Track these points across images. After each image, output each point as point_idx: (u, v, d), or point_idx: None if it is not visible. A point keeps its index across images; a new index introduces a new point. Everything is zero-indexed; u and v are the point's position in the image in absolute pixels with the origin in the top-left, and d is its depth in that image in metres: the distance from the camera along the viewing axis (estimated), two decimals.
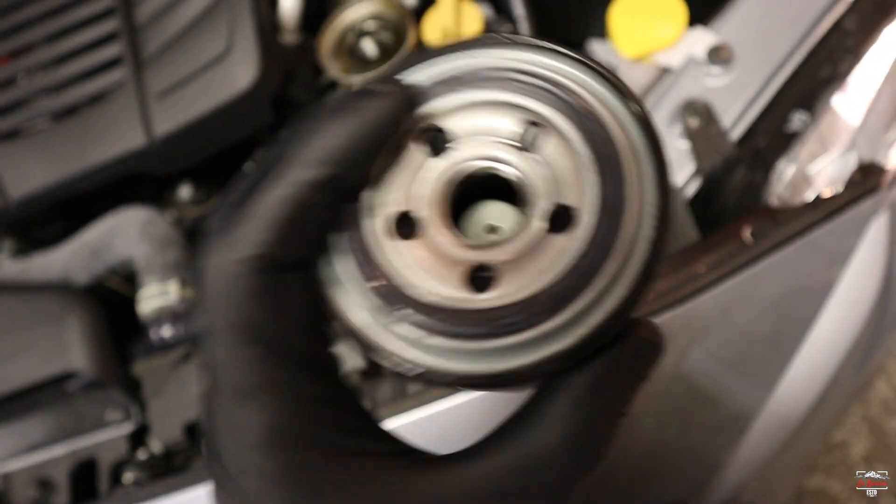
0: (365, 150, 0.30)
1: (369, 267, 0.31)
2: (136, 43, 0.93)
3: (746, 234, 0.75)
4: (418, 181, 0.32)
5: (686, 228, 0.80)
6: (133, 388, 0.88)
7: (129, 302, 1.02)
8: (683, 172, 0.84)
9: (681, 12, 0.88)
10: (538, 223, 0.31)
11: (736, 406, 0.81)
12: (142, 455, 0.86)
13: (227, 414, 0.30)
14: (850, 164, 0.79)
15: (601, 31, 1.16)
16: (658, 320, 0.72)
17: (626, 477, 0.80)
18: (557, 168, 0.31)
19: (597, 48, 1.05)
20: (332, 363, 0.33)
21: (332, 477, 0.30)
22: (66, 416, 0.89)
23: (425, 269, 0.31)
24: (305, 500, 0.29)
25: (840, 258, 0.79)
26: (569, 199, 0.31)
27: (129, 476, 0.82)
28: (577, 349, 0.30)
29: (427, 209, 0.32)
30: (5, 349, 0.86)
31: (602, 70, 0.32)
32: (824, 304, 0.80)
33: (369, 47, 1.02)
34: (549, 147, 0.32)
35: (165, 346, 0.88)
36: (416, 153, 0.32)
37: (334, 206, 0.31)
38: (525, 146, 0.32)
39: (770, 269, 0.74)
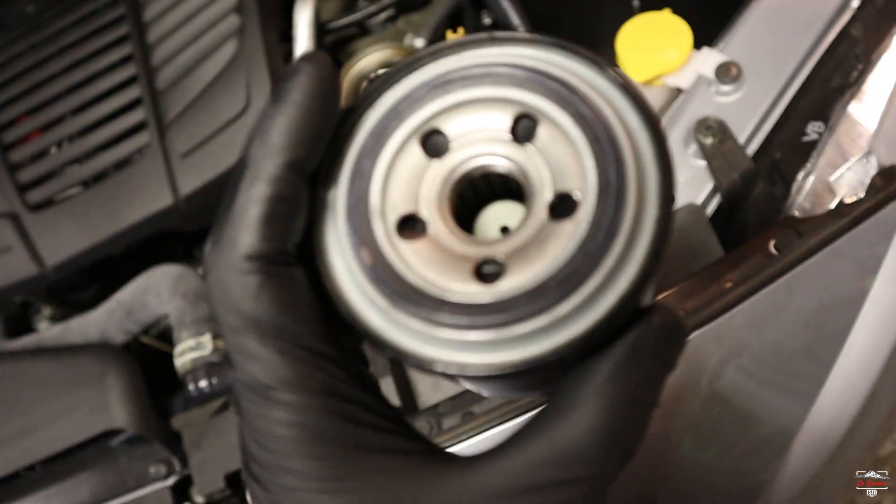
0: (309, 129, 0.31)
1: (379, 267, 0.31)
2: (158, 107, 0.96)
3: (770, 247, 0.75)
4: (424, 183, 0.33)
5: (710, 245, 0.80)
6: (174, 442, 0.89)
7: (165, 358, 1.04)
8: (702, 190, 0.85)
9: (686, 35, 0.90)
10: (540, 212, 0.31)
11: (776, 423, 0.80)
12: None
13: (253, 413, 0.31)
14: (870, 170, 0.78)
15: (609, 60, 1.18)
16: (688, 339, 0.72)
17: (668, 501, 0.79)
18: (555, 156, 0.32)
19: None
20: (353, 359, 0.33)
21: (363, 474, 0.30)
22: (111, 474, 0.91)
23: (433, 267, 0.31)
24: (338, 495, 0.30)
25: (871, 266, 0.78)
26: (568, 186, 0.31)
27: None
28: (592, 333, 0.30)
29: (431, 210, 0.32)
30: (50, 412, 0.89)
31: (587, 55, 0.33)
32: (859, 314, 0.79)
33: None
34: (545, 136, 0.32)
35: (203, 398, 0.89)
36: (419, 156, 0.33)
37: (304, 193, 0.32)
38: (520, 138, 0.32)
39: (800, 281, 0.74)
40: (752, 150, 0.84)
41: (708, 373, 0.75)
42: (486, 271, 0.31)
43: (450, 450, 0.70)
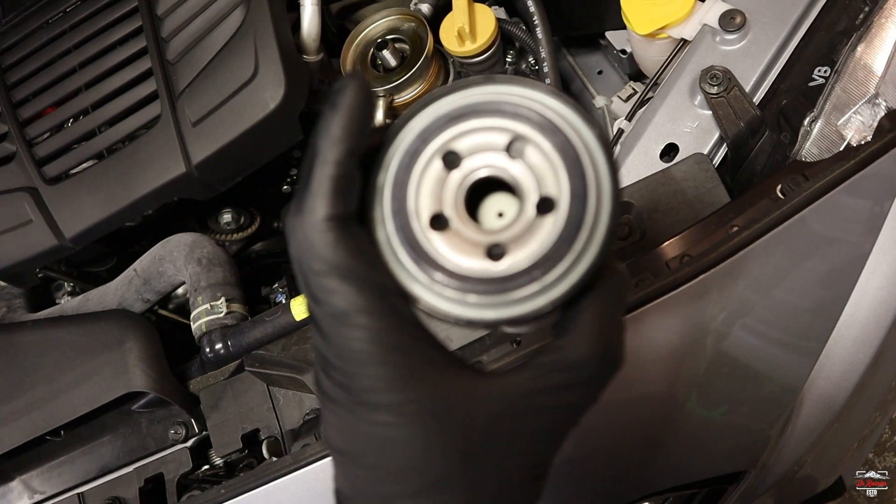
0: (358, 126, 0.42)
1: (418, 254, 0.42)
2: (169, 78, 0.98)
3: (777, 191, 0.74)
4: (445, 189, 0.44)
5: (717, 194, 0.80)
6: (192, 405, 0.91)
7: (182, 329, 1.06)
8: (709, 140, 0.84)
9: None
10: (529, 209, 0.43)
11: (783, 380, 0.79)
12: (205, 467, 0.88)
13: (336, 334, 0.40)
14: (878, 113, 0.77)
15: (613, 22, 1.18)
16: (694, 283, 0.72)
17: (675, 453, 0.79)
18: (539, 169, 0.43)
19: (610, 37, 1.06)
20: (406, 294, 0.43)
21: (423, 375, 0.40)
22: (133, 438, 0.93)
23: (456, 251, 0.43)
24: (405, 392, 0.40)
25: (878, 218, 0.77)
26: (549, 191, 0.43)
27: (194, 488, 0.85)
28: (570, 294, 0.42)
29: (452, 209, 0.44)
30: (72, 377, 0.91)
31: (563, 95, 0.44)
32: (866, 268, 0.78)
33: (389, 58, 1.05)
34: (532, 155, 0.43)
35: (218, 360, 0.91)
36: (440, 170, 0.44)
37: (357, 172, 0.42)
38: (514, 155, 0.44)
39: (804, 236, 0.73)
40: (758, 97, 0.84)
41: (713, 334, 0.74)
42: (493, 252, 0.42)
43: None
